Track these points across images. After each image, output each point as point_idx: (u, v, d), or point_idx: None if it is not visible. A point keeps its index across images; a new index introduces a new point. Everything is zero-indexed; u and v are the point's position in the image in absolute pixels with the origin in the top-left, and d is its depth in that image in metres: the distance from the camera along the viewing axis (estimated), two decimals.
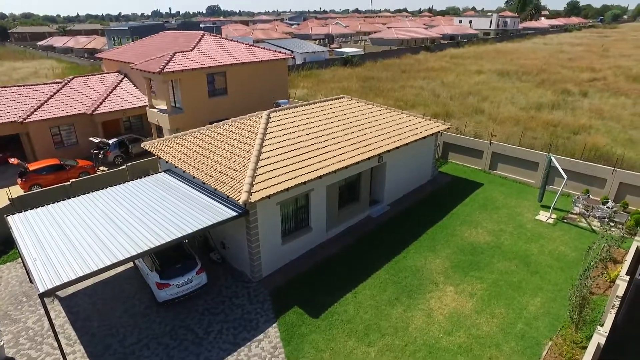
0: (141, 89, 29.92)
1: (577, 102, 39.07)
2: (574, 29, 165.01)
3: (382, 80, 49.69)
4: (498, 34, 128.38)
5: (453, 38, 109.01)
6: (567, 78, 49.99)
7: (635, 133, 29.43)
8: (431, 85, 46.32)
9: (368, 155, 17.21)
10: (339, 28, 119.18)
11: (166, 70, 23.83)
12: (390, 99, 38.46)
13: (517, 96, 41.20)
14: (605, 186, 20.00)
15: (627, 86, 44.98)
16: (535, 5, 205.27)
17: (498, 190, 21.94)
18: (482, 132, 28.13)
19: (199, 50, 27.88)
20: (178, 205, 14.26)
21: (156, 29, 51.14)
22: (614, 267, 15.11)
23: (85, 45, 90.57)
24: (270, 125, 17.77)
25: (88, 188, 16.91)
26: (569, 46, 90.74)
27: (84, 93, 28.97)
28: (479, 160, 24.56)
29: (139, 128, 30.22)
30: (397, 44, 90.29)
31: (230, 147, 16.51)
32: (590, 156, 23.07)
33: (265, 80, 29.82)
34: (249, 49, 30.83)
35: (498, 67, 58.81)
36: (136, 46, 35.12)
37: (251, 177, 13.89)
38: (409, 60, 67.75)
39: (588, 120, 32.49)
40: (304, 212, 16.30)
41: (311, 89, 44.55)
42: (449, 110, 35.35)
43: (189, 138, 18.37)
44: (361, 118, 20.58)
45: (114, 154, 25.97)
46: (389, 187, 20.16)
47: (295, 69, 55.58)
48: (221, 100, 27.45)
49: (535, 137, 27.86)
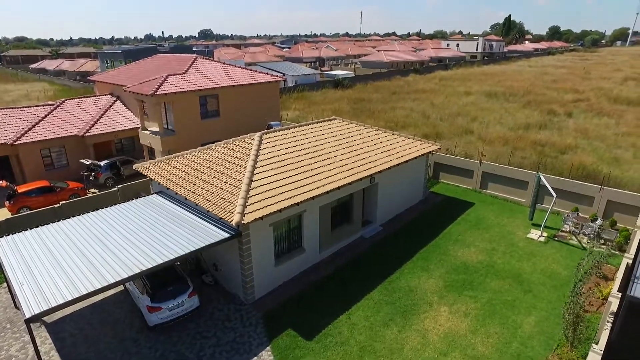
0: (134, 111, 30.02)
1: (563, 122, 40.01)
2: (556, 52, 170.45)
3: (372, 102, 50.44)
4: (485, 56, 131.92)
5: (441, 61, 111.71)
6: (552, 99, 51.28)
7: (620, 152, 30.11)
8: (421, 107, 47.11)
9: (360, 176, 17.32)
10: (329, 51, 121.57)
11: (159, 93, 24.02)
12: (381, 120, 38.97)
13: (505, 117, 42.07)
14: (593, 204, 20.31)
15: (609, 107, 46.27)
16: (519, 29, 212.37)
17: (489, 209, 22.14)
18: (472, 152, 28.55)
19: (191, 72, 28.20)
20: (170, 227, 14.15)
21: (149, 52, 51.75)
22: (605, 285, 15.21)
23: (78, 68, 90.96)
24: (262, 146, 17.87)
25: (78, 210, 16.75)
26: (552, 68, 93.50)
27: (75, 115, 28.97)
28: (470, 180, 24.84)
29: (130, 150, 30.16)
30: (386, 67, 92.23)
31: (223, 169, 16.53)
32: (577, 175, 23.49)
33: (257, 103, 30.14)
34: (241, 71, 31.26)
35: (486, 88, 60.17)
36: (129, 69, 35.41)
37: (244, 199, 13.88)
38: (399, 82, 69.05)
39: (574, 140, 33.20)
40: (297, 233, 16.25)
41: (303, 111, 45.04)
42: (439, 130, 35.89)
43: (181, 160, 18.37)
44: (353, 139, 20.80)
45: (105, 176, 25.81)
46: (382, 208, 20.24)
47: (287, 91, 56.26)
48: (213, 122, 27.62)
49: (524, 156, 28.35)
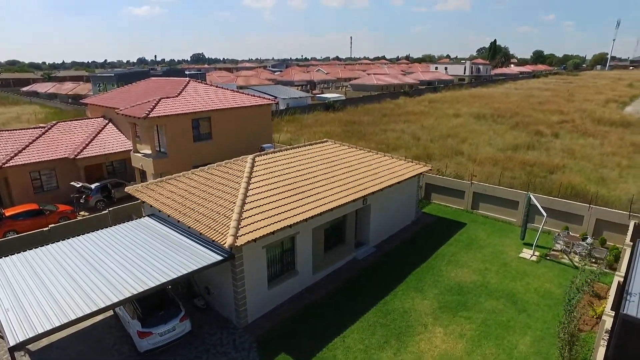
0: (126, 134, 30.01)
1: (550, 142, 40.84)
2: (541, 75, 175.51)
3: (363, 124, 51.04)
4: (472, 79, 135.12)
5: (430, 84, 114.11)
6: (539, 120, 52.46)
7: (606, 171, 30.73)
8: (411, 129, 47.81)
9: (353, 197, 17.41)
10: (320, 75, 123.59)
11: (152, 116, 24.12)
12: (372, 142, 39.40)
13: (494, 138, 42.84)
14: (583, 223, 20.57)
15: (593, 128, 47.47)
16: (505, 53, 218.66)
17: (481, 229, 22.27)
18: (463, 173, 28.90)
19: (184, 96, 28.43)
20: (162, 250, 13.98)
21: (142, 76, 52.20)
22: (598, 303, 15.25)
23: (70, 91, 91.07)
24: (255, 169, 17.93)
25: (68, 233, 16.49)
26: (538, 91, 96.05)
27: (67, 138, 28.88)
28: (461, 201, 25.05)
29: (122, 173, 29.99)
30: (377, 90, 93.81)
31: (216, 191, 16.52)
32: (566, 194, 23.85)
33: (249, 125, 30.36)
34: (234, 94, 31.58)
35: (474, 110, 61.41)
36: (122, 92, 35.59)
37: (237, 221, 13.84)
38: (389, 105, 70.12)
39: (561, 160, 33.85)
40: (290, 256, 16.15)
41: (294, 134, 45.40)
42: (429, 152, 36.35)
43: (173, 182, 18.32)
44: (345, 161, 20.98)
45: (96, 199, 25.55)
46: (374, 229, 20.26)
47: (279, 114, 56.81)
48: (206, 145, 27.70)
49: (513, 176, 28.76)
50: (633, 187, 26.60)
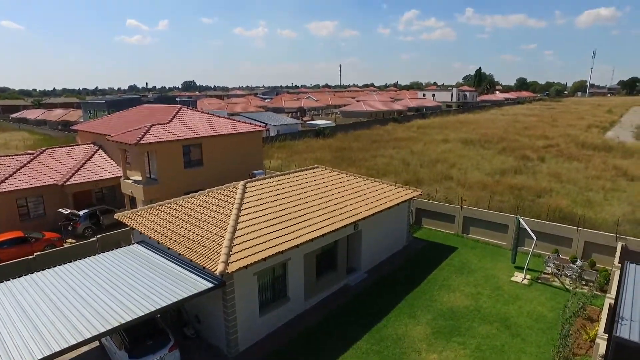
0: (116, 161, 29.89)
1: (537, 166, 41.60)
2: (525, 102, 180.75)
3: (353, 150, 51.51)
4: (459, 106, 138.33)
5: (418, 110, 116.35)
6: (525, 145, 53.57)
7: (592, 194, 31.30)
8: (401, 154, 48.38)
9: (344, 223, 17.44)
10: (310, 102, 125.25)
11: (143, 142, 24.15)
12: (362, 168, 39.68)
13: (482, 162, 43.52)
14: (572, 245, 20.79)
15: (577, 152, 48.62)
16: (490, 80, 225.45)
17: (472, 254, 22.33)
18: (453, 198, 29.16)
19: (175, 122, 28.57)
20: (151, 278, 13.74)
21: (133, 103, 52.29)
22: (591, 326, 15.25)
23: (60, 117, 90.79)
24: (246, 195, 17.93)
25: (54, 261, 16.11)
26: (523, 117, 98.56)
27: (56, 164, 28.67)
28: (452, 225, 25.20)
29: (111, 199, 29.67)
30: (366, 116, 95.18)
31: (207, 218, 16.43)
32: (555, 217, 24.16)
33: (240, 152, 30.49)
34: (225, 121, 31.84)
35: (462, 136, 62.55)
36: (113, 119, 35.66)
37: (228, 248, 13.73)
38: (379, 131, 71.04)
39: (548, 183, 34.42)
40: (282, 282, 15.97)
41: (285, 160, 45.59)
42: (419, 177, 36.69)
43: (163, 209, 18.19)
44: (335, 187, 21.10)
45: (84, 226, 25.15)
46: (366, 255, 20.20)
47: (270, 140, 57.21)
48: (197, 171, 27.67)
49: (502, 200, 29.10)
50: (618, 210, 27.09)
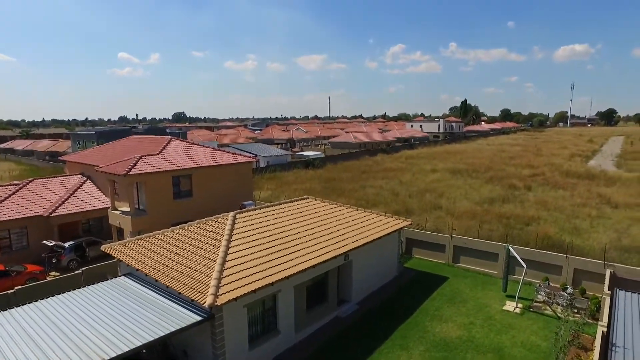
0: (104, 191, 29.59)
1: (524, 195, 42.22)
2: (510, 132, 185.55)
3: (343, 181, 51.71)
4: (446, 136, 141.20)
5: (407, 141, 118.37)
6: (512, 174, 54.53)
7: (578, 222, 31.75)
8: (390, 185, 48.72)
9: (334, 253, 17.38)
10: (300, 133, 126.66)
11: (132, 173, 24.04)
12: (352, 199, 39.77)
13: (470, 192, 44.01)
14: (562, 273, 20.88)
15: (562, 180, 49.64)
16: (475, 111, 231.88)
17: (463, 283, 22.24)
18: (442, 227, 29.25)
19: (165, 153, 28.58)
20: (137, 311, 13.37)
21: (123, 134, 52.24)
22: (585, 355, 15.11)
23: (48, 148, 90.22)
24: (236, 226, 17.83)
25: (36, 296, 15.63)
26: (508, 146, 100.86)
27: (42, 195, 28.27)
28: (442, 254, 25.19)
29: (98, 231, 29.14)
30: (355, 147, 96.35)
31: (195, 249, 16.23)
32: (543, 245, 24.35)
33: (230, 183, 30.45)
34: (214, 152, 31.90)
35: (450, 166, 63.50)
36: (102, 149, 35.54)
37: (217, 279, 13.52)
38: (368, 162, 71.64)
39: (536, 211, 34.86)
40: (272, 314, 15.67)
41: (275, 191, 45.50)
42: (408, 207, 36.86)
43: (151, 240, 17.94)
44: (325, 218, 21.11)
45: (69, 258, 24.54)
46: (357, 285, 19.99)
47: (259, 171, 57.32)
48: (186, 202, 27.48)
49: (491, 229, 29.28)
50: (604, 237, 27.45)
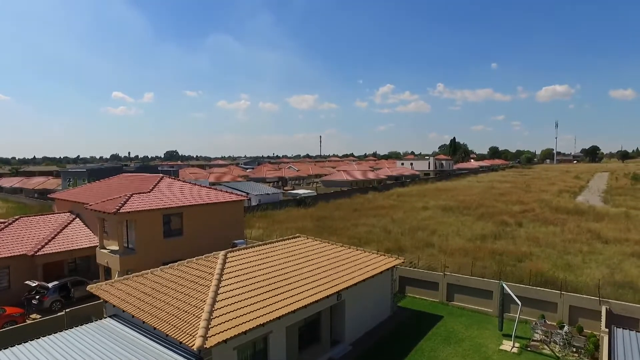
0: (93, 230, 29.07)
1: (515, 231, 42.38)
2: (499, 169, 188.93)
3: (335, 219, 51.48)
4: (437, 174, 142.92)
5: (398, 178, 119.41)
6: (502, 211, 54.96)
7: (570, 258, 31.80)
8: (382, 222, 48.60)
9: (327, 293, 17.10)
10: (291, 172, 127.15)
11: (122, 211, 23.77)
12: (344, 237, 39.49)
13: (462, 229, 44.09)
14: (557, 310, 20.64)
15: (552, 216, 50.13)
16: (464, 149, 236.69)
17: (458, 322, 21.81)
18: (435, 265, 29.02)
19: (156, 191, 28.39)
20: (122, 355, 12.81)
21: (114, 172, 51.95)
22: None
23: (37, 185, 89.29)
24: (227, 265, 17.57)
25: (13, 340, 14.95)
26: (498, 183, 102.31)
27: (28, 233, 27.64)
28: (436, 292, 24.85)
29: (85, 270, 28.32)
30: (347, 185, 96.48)
31: (185, 289, 15.86)
32: (537, 282, 24.19)
33: (221, 221, 30.17)
34: (206, 191, 31.77)
35: (441, 203, 63.90)
36: (93, 187, 35.21)
37: (207, 321, 13.15)
38: (359, 200, 71.73)
39: (528, 248, 34.90)
40: (263, 357, 15.13)
41: (267, 229, 45.11)
42: (401, 245, 36.65)
43: (140, 280, 17.52)
44: (318, 256, 20.92)
45: (52, 299, 23.68)
46: (350, 326, 19.50)
47: (251, 210, 57.02)
48: (176, 241, 27.05)
49: (484, 266, 29.12)
50: (597, 272, 27.44)
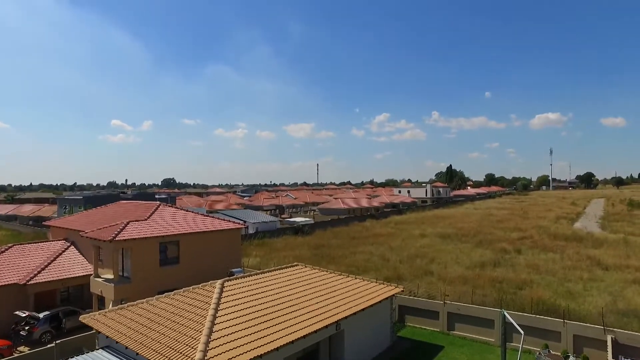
0: (88, 258, 28.65)
1: (514, 259, 42.08)
2: (496, 196, 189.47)
3: (332, 248, 50.94)
4: (434, 201, 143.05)
5: (395, 206, 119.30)
6: (501, 238, 54.74)
7: (571, 285, 31.47)
8: (380, 250, 48.15)
9: (326, 323, 16.82)
10: (288, 200, 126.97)
11: (119, 239, 23.53)
12: (342, 265, 39.04)
13: (461, 256, 43.73)
14: (561, 339, 20.22)
15: (551, 243, 49.97)
16: (461, 177, 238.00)
17: (460, 352, 21.31)
18: (435, 293, 28.60)
19: (153, 219, 28.23)
20: None
21: (111, 199, 51.83)
22: None
23: (32, 213, 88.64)
24: (224, 295, 17.33)
25: None
26: (495, 210, 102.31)
27: (21, 261, 27.18)
28: (436, 322, 24.39)
29: (78, 299, 27.72)
30: (344, 213, 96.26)
31: (181, 319, 15.56)
32: (539, 310, 23.81)
33: (218, 249, 29.88)
34: (203, 218, 31.59)
35: (439, 230, 63.60)
36: (89, 214, 34.94)
37: (203, 352, 12.86)
38: (357, 228, 71.12)
39: (528, 275, 34.56)
40: None
41: (264, 258, 44.57)
42: (399, 273, 36.16)
43: (134, 309, 17.16)
44: (315, 285, 20.67)
45: (42, 330, 23.04)
46: (349, 357, 19.01)
47: (248, 238, 56.52)
48: (173, 269, 26.68)
49: (484, 294, 28.72)
50: (599, 300, 27.09)
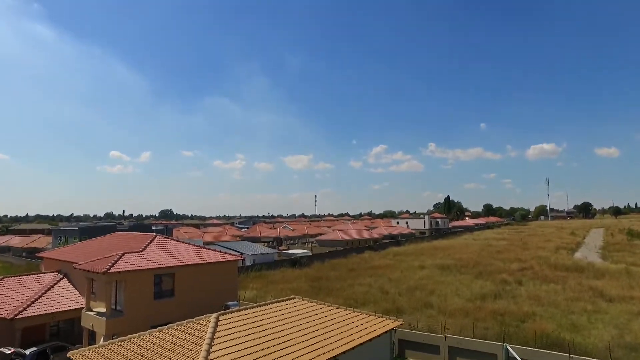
0: (81, 291, 28.02)
1: (515, 290, 41.39)
2: (494, 226, 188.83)
3: (331, 280, 50.12)
4: (432, 232, 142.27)
5: (393, 237, 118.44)
6: (501, 269, 54.05)
7: (575, 317, 30.82)
8: (379, 282, 47.34)
9: (323, 358, 16.30)
10: (286, 231, 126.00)
11: (112, 271, 23.09)
12: (340, 298, 38.30)
13: (461, 288, 43.02)
14: None
15: (552, 274, 49.35)
16: (459, 207, 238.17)
17: None
18: (435, 326, 27.92)
19: (148, 251, 27.83)
20: None
21: (107, 230, 51.14)
22: None
23: (27, 244, 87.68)
24: (219, 329, 16.83)
25: None
26: (494, 240, 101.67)
27: (10, 295, 26.58)
28: (437, 356, 23.72)
29: (68, 334, 26.87)
30: (342, 245, 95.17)
31: (173, 355, 15.09)
32: (543, 343, 23.17)
33: (214, 282, 29.30)
34: (199, 250, 31.18)
35: (438, 261, 62.83)
36: (83, 246, 34.45)
37: None
38: (355, 259, 70.08)
39: (530, 307, 33.89)
40: None
41: (261, 290, 43.78)
42: (399, 305, 35.45)
43: (125, 344, 16.64)
44: (313, 319, 20.17)
45: None
46: None
47: (245, 270, 55.66)
48: (167, 303, 26.06)
49: (486, 327, 28.04)
50: (605, 333, 26.45)
